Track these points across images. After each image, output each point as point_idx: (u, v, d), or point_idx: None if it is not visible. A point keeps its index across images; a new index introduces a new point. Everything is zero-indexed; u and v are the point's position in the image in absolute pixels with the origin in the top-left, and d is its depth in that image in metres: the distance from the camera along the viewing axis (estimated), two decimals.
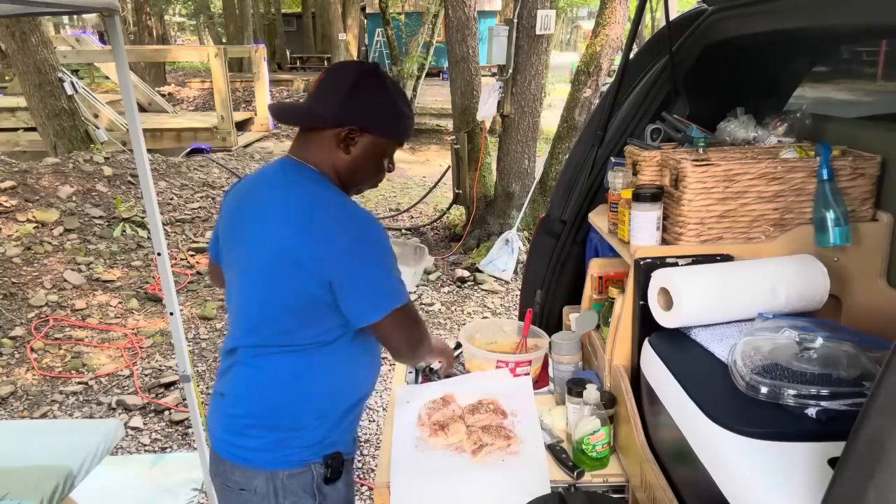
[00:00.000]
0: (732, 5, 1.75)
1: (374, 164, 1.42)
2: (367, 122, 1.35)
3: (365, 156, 1.38)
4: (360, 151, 1.37)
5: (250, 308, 1.38)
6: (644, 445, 1.34)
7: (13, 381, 3.70)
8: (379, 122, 1.37)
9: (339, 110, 1.34)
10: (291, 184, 1.35)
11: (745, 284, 1.36)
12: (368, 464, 3.06)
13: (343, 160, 1.37)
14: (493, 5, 18.45)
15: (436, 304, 4.84)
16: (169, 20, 33.45)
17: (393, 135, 1.41)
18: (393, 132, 1.41)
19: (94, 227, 5.49)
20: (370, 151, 1.38)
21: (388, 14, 13.03)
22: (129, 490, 2.83)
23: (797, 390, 1.03)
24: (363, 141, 1.36)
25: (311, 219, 1.29)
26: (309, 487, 1.38)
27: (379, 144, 1.39)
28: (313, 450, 1.38)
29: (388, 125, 1.39)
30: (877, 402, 0.65)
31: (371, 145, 1.38)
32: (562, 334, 1.82)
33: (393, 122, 1.39)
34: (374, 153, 1.40)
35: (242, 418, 1.38)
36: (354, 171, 1.39)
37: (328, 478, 1.38)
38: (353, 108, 1.34)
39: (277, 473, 1.36)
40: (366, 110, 1.35)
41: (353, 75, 1.36)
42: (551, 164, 5.74)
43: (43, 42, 6.63)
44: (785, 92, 1.98)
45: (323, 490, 1.39)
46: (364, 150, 1.37)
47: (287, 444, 1.36)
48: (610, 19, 5.46)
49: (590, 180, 2.02)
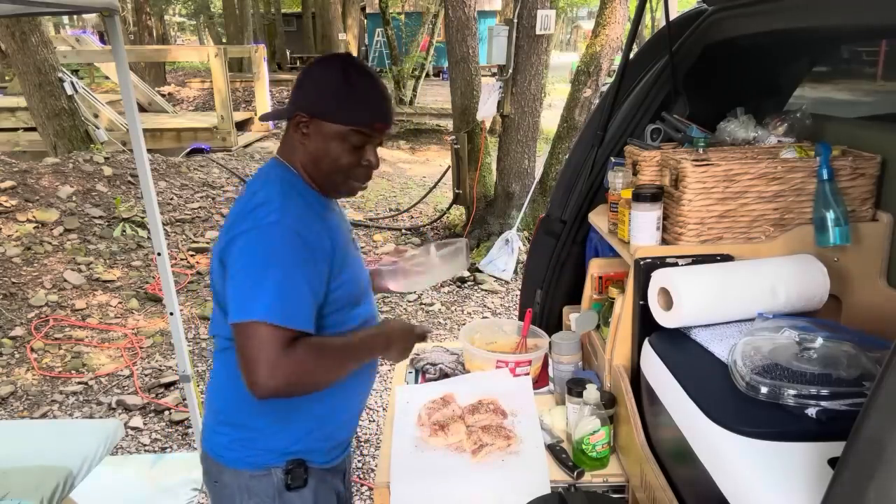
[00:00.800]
0: (732, 5, 1.75)
1: (337, 155, 1.31)
2: (315, 108, 1.29)
3: (321, 145, 1.30)
4: (315, 140, 1.30)
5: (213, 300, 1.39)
6: (644, 445, 1.34)
7: (13, 381, 3.70)
8: (328, 106, 1.28)
9: (291, 99, 1.33)
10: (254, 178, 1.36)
11: (745, 284, 1.36)
12: (368, 464, 3.06)
13: (303, 152, 1.33)
14: (493, 5, 18.45)
15: (436, 304, 4.84)
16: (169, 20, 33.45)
17: (347, 119, 1.29)
18: (347, 117, 1.29)
19: (94, 227, 5.48)
20: (326, 139, 1.30)
21: (388, 14, 13.03)
22: (129, 490, 2.83)
23: (797, 390, 1.03)
24: (316, 128, 1.30)
25: (238, 202, 1.30)
26: (271, 491, 1.35)
27: (335, 131, 1.29)
28: (275, 454, 1.35)
29: (340, 109, 1.28)
30: (877, 402, 0.65)
31: (326, 133, 1.29)
32: (562, 334, 1.82)
33: (346, 106, 1.28)
34: (331, 141, 1.30)
35: (214, 413, 1.40)
36: (315, 162, 1.33)
37: (289, 485, 1.35)
38: (302, 95, 1.31)
39: (242, 472, 1.35)
40: (314, 95, 1.29)
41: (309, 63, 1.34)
42: (551, 164, 5.74)
43: (43, 42, 6.63)
44: (785, 92, 1.98)
45: (284, 497, 1.35)
46: (319, 138, 1.30)
47: (249, 444, 1.35)
48: (610, 19, 5.46)
49: (590, 180, 2.02)
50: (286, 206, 1.24)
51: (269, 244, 1.20)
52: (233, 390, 1.32)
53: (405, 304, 4.89)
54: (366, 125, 1.30)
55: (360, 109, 1.30)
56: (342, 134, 1.29)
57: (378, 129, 1.33)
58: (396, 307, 4.83)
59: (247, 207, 1.25)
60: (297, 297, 1.20)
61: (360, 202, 7.63)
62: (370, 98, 1.32)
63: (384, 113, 1.34)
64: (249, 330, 1.16)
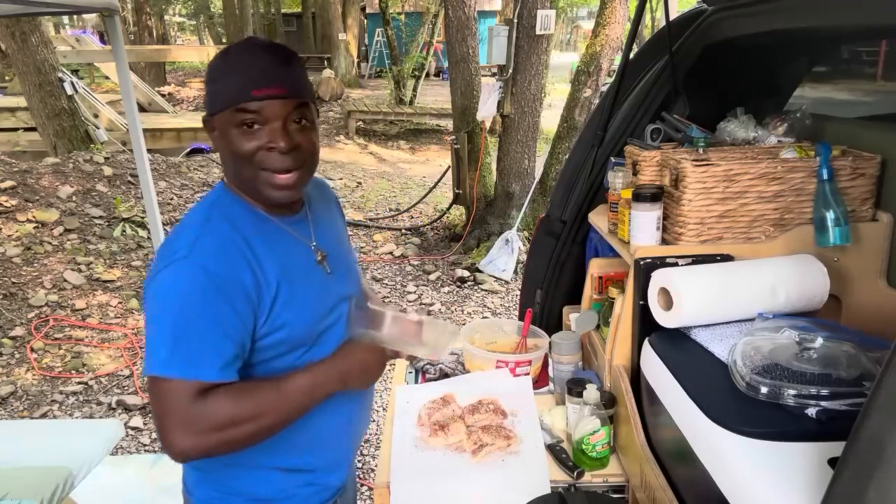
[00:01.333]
0: (732, 5, 1.75)
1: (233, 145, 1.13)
2: (207, 104, 1.16)
3: (222, 143, 1.15)
4: (217, 138, 1.16)
5: None
6: (644, 445, 1.34)
7: (13, 381, 3.70)
8: (211, 96, 1.14)
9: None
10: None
11: (745, 284, 1.36)
12: (368, 464, 3.06)
13: (223, 162, 1.19)
14: (493, 5, 18.45)
15: (436, 304, 4.84)
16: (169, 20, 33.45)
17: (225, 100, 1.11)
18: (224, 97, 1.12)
19: (94, 227, 5.48)
20: (223, 135, 1.14)
21: (388, 14, 13.03)
22: (129, 490, 2.83)
23: (797, 390, 1.03)
24: (216, 128, 1.15)
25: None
26: None
27: (224, 120, 1.12)
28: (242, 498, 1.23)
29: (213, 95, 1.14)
30: (877, 402, 0.65)
31: (221, 127, 1.14)
32: (562, 334, 1.82)
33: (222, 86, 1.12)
34: (226, 134, 1.13)
35: None
36: (225, 164, 1.17)
37: None
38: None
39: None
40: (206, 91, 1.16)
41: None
42: (551, 164, 5.74)
43: (43, 42, 6.63)
44: (785, 92, 1.98)
45: None
46: (220, 137, 1.15)
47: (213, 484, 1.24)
48: (610, 19, 5.46)
49: (590, 180, 2.02)
50: (200, 236, 1.10)
51: (171, 286, 1.06)
52: None
53: (405, 303, 4.89)
54: (241, 97, 1.10)
55: (233, 83, 1.11)
56: (228, 120, 1.12)
57: (257, 96, 1.09)
58: (396, 307, 4.83)
59: (165, 243, 1.14)
60: (203, 345, 1.05)
61: (360, 202, 7.63)
62: (242, 65, 1.11)
63: (260, 76, 1.10)
64: (154, 386, 1.04)
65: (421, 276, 5.41)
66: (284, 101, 1.12)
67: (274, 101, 1.11)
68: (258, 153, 1.12)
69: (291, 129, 1.14)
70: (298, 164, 1.15)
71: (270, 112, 1.11)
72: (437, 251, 5.97)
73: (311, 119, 1.18)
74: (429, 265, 5.59)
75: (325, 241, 1.29)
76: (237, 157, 1.13)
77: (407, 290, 5.12)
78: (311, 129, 1.18)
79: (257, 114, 1.10)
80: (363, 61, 20.59)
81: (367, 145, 10.87)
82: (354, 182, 8.53)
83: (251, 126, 1.11)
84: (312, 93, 1.22)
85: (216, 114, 1.14)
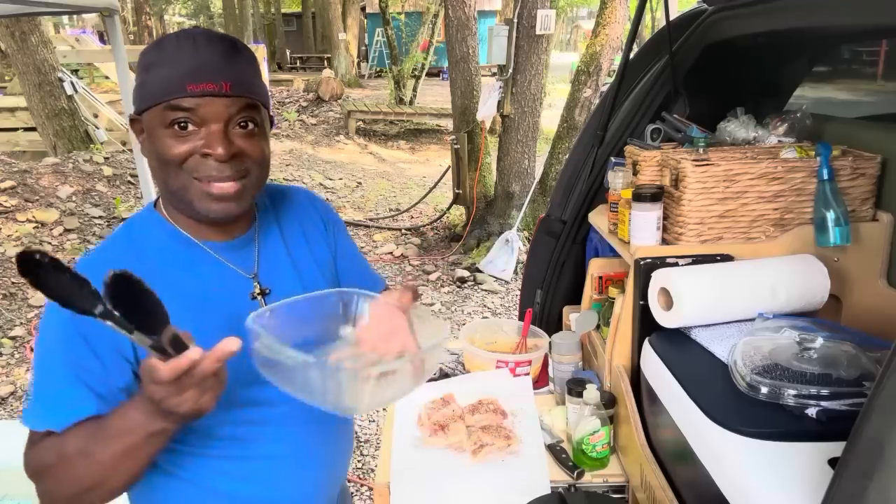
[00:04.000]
0: (732, 5, 1.75)
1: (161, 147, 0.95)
2: (135, 100, 0.98)
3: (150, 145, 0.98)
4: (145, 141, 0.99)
5: None
6: (644, 445, 1.34)
7: (13, 381, 3.70)
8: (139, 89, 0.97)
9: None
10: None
11: (745, 284, 1.36)
12: (368, 464, 3.06)
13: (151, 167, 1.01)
14: (493, 5, 18.45)
15: (436, 304, 4.84)
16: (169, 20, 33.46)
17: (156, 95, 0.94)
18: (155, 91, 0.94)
19: (93, 227, 5.48)
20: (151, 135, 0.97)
21: (388, 14, 13.03)
22: None
23: (797, 390, 1.03)
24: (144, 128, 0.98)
25: None
26: None
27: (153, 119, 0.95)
28: None
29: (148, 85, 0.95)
30: (877, 402, 0.65)
31: (149, 126, 0.97)
32: (562, 334, 1.82)
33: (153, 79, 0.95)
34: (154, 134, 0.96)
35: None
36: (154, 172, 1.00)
37: None
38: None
39: None
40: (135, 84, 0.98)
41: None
42: (551, 164, 5.74)
43: (43, 42, 6.63)
44: (785, 92, 1.98)
45: None
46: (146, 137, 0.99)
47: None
48: (610, 19, 5.46)
49: (590, 180, 2.02)
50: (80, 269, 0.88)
51: (42, 322, 0.96)
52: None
53: None
54: (173, 91, 0.92)
55: (165, 75, 0.93)
56: (157, 119, 0.94)
57: (193, 91, 0.92)
58: None
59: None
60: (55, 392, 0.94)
61: (360, 202, 7.63)
62: (179, 55, 0.93)
63: (198, 68, 0.93)
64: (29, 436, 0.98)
65: (421, 277, 5.41)
66: (228, 100, 0.95)
67: (214, 99, 0.93)
68: (190, 159, 0.95)
69: (233, 134, 0.97)
70: (241, 173, 0.98)
71: (208, 111, 0.94)
72: (437, 251, 5.97)
73: (259, 123, 1.00)
74: (429, 265, 5.59)
75: (275, 272, 1.09)
76: (165, 162, 0.95)
77: None
78: (259, 134, 1.00)
79: (192, 112, 0.93)
80: (363, 61, 20.61)
81: (367, 145, 10.87)
82: (354, 182, 8.53)
83: (184, 127, 0.94)
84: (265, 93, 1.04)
85: (144, 111, 0.96)
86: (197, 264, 1.02)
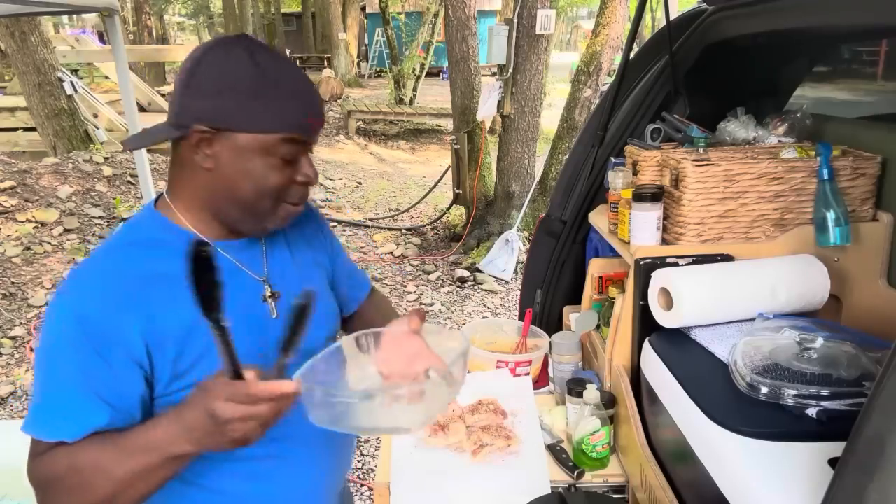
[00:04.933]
0: (732, 5, 1.75)
1: (263, 175, 0.94)
2: (219, 115, 0.91)
3: (238, 167, 0.93)
4: (227, 161, 0.93)
5: None
6: (644, 445, 1.34)
7: (13, 381, 3.70)
8: (240, 109, 0.91)
9: (177, 108, 0.94)
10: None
11: (745, 284, 1.36)
12: (368, 464, 3.06)
13: (210, 182, 0.95)
14: (493, 5, 18.45)
15: (436, 304, 4.84)
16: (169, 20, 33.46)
17: (271, 124, 0.92)
18: (270, 120, 0.92)
19: (93, 227, 5.48)
20: (244, 157, 0.93)
21: (388, 14, 13.03)
22: None
23: (797, 390, 1.03)
24: (223, 144, 0.93)
25: None
26: None
27: (256, 144, 0.93)
28: None
29: (258, 111, 0.92)
30: (877, 402, 0.65)
31: (242, 148, 0.93)
32: (562, 334, 1.82)
33: (265, 105, 0.92)
34: (253, 158, 0.93)
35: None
36: (231, 193, 0.95)
37: None
38: (194, 99, 0.92)
39: None
40: (210, 97, 0.91)
41: (196, 54, 0.94)
42: (551, 164, 5.74)
43: (42, 42, 6.62)
44: (785, 92, 1.98)
45: None
46: (231, 158, 0.93)
47: None
48: (610, 19, 5.46)
49: (590, 180, 2.02)
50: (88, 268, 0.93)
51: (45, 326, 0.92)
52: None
53: (405, 303, 4.89)
54: (297, 126, 0.95)
55: (286, 107, 0.93)
56: (267, 146, 0.93)
57: (313, 128, 0.98)
58: (396, 307, 4.83)
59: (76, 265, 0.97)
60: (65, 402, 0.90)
61: (360, 202, 7.63)
62: (296, 89, 0.94)
63: (314, 105, 0.98)
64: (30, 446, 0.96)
65: (421, 276, 5.41)
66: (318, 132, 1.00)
67: (318, 131, 0.99)
68: (289, 186, 0.97)
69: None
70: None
71: (313, 144, 0.99)
72: (437, 251, 5.97)
73: None
74: (429, 265, 5.59)
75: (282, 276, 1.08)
76: (262, 188, 0.95)
77: (407, 290, 5.12)
78: None
79: (304, 145, 0.96)
80: (363, 61, 20.62)
81: (367, 145, 10.87)
82: (354, 182, 8.52)
83: (288, 157, 0.95)
84: None
85: (238, 132, 0.92)
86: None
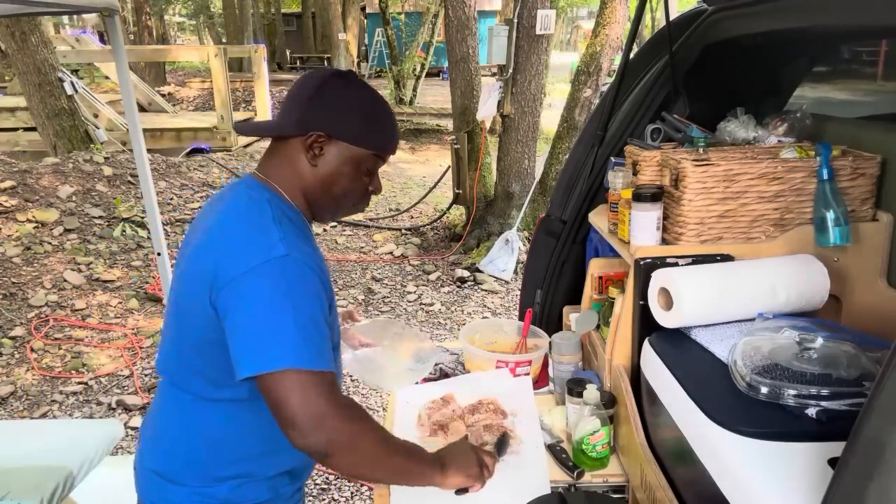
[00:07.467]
0: (732, 5, 1.75)
1: (350, 180, 1.24)
2: (335, 127, 1.20)
3: (336, 168, 1.22)
4: (330, 162, 1.22)
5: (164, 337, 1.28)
6: (644, 445, 1.34)
7: (13, 381, 3.70)
8: (349, 126, 1.21)
9: (302, 115, 1.20)
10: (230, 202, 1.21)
11: (745, 284, 1.36)
12: None
13: (311, 174, 1.22)
14: (493, 5, 18.45)
15: (436, 304, 4.84)
16: (169, 20, 33.46)
17: (368, 144, 1.23)
18: (367, 140, 1.23)
19: (94, 227, 5.48)
20: (342, 163, 1.22)
21: (388, 14, 13.04)
22: (129, 490, 2.82)
23: (797, 390, 1.03)
24: (332, 149, 1.21)
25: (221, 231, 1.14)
26: None
27: (353, 155, 1.22)
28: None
29: (362, 131, 1.22)
30: (877, 402, 0.65)
31: (342, 155, 1.22)
32: (562, 334, 1.82)
33: (367, 129, 1.23)
34: (348, 165, 1.23)
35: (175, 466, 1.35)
36: (326, 187, 1.24)
37: None
38: (318, 111, 1.20)
39: None
40: (333, 113, 1.20)
41: (321, 77, 1.23)
42: (551, 164, 5.74)
43: (43, 42, 6.63)
44: (785, 92, 1.98)
45: None
46: (334, 160, 1.22)
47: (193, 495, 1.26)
48: (610, 19, 5.46)
49: (590, 180, 2.02)
50: (286, 236, 1.12)
51: (282, 281, 1.07)
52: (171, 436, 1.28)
53: (405, 303, 4.89)
54: (386, 150, 1.28)
55: (386, 134, 1.27)
56: (360, 158, 1.23)
57: (392, 153, 1.32)
58: (396, 307, 4.83)
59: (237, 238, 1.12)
60: (319, 339, 1.09)
61: None
62: (393, 119, 1.29)
63: (398, 137, 1.34)
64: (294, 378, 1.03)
65: (421, 276, 5.41)
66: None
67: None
68: (365, 193, 1.29)
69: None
70: None
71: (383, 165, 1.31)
72: (437, 251, 5.97)
73: None
74: (429, 265, 5.60)
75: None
76: (347, 189, 1.25)
77: (407, 290, 5.12)
78: None
79: (382, 164, 1.29)
80: (363, 61, 20.62)
81: None
82: None
83: (371, 170, 1.27)
84: None
85: (347, 143, 1.21)
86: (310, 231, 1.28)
